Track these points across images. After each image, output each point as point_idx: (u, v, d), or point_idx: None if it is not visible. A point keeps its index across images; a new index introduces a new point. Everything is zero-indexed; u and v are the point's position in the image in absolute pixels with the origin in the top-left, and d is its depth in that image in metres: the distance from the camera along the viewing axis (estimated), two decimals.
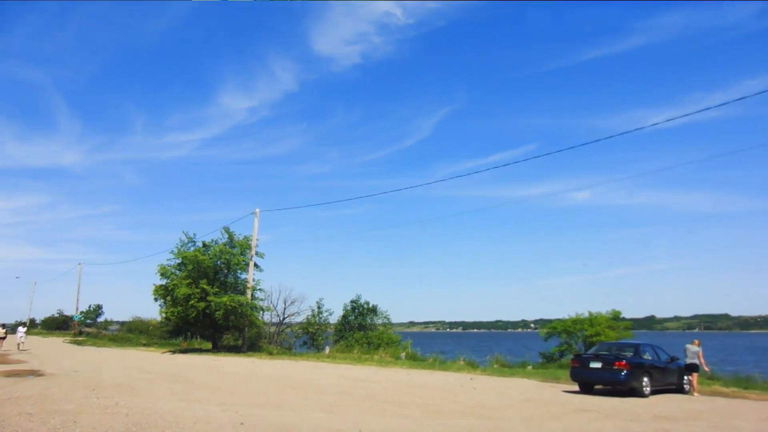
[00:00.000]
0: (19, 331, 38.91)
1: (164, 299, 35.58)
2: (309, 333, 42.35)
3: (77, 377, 18.36)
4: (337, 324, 45.12)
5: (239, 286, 37.13)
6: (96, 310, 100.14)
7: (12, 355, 30.89)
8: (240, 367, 24.54)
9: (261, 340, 43.01)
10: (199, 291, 33.98)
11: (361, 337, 42.22)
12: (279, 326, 45.64)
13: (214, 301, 33.48)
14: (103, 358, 29.38)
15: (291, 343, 45.59)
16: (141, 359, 29.65)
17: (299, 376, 20.77)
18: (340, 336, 44.82)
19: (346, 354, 34.72)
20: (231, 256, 35.58)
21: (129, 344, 49.04)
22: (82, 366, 23.49)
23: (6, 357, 29.50)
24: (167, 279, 35.62)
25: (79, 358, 29.12)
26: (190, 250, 35.99)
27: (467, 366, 28.57)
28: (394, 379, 20.91)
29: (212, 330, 38.16)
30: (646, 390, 16.44)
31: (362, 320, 44.98)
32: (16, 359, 27.93)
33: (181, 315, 34.71)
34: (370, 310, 45.14)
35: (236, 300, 33.94)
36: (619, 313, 38.27)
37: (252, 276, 37.01)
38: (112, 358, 30.41)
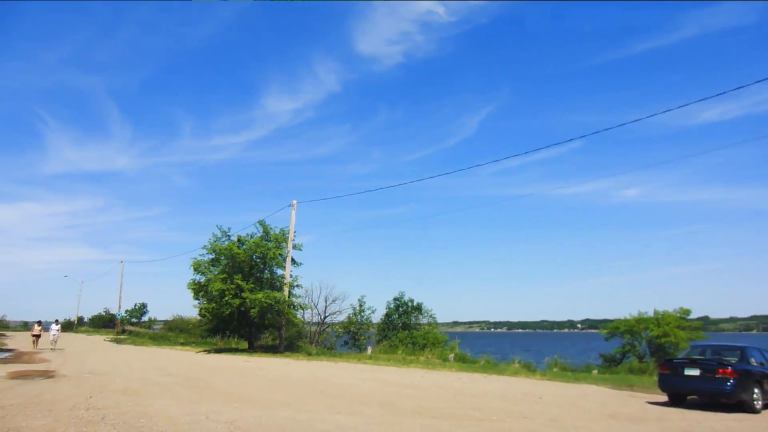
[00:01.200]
0: (52, 329, 36.22)
1: (198, 296, 33.81)
2: (350, 332, 40.07)
3: (87, 380, 16.45)
4: (379, 323, 42.74)
5: (276, 283, 35.07)
6: (141, 309, 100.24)
7: (40, 354, 29.53)
8: (272, 370, 22.35)
9: (300, 340, 40.99)
10: (234, 287, 32.04)
11: (406, 336, 39.73)
12: (320, 325, 43.57)
13: (249, 297, 31.49)
14: (131, 359, 27.69)
15: (332, 343, 43.52)
16: (170, 359, 27.85)
17: (336, 381, 18.40)
18: (383, 336, 42.43)
19: (390, 355, 32.27)
20: (266, 250, 33.52)
21: (167, 343, 47.77)
22: (103, 367, 21.69)
23: (33, 356, 28.11)
24: (201, 275, 33.85)
25: (106, 358, 27.50)
26: (224, 244, 34.12)
27: (524, 369, 25.75)
28: (444, 385, 18.33)
29: (248, 329, 36.21)
30: (757, 404, 13.34)
31: (406, 319, 42.48)
32: (41, 358, 26.47)
33: (216, 312, 32.85)
34: (414, 309, 42.60)
35: (272, 297, 31.86)
36: (689, 312, 34.65)
37: (289, 271, 34.90)
38: (140, 358, 28.71)
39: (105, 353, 32.23)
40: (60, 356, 27.90)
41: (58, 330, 36.57)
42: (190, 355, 32.82)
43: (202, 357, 30.69)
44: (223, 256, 33.53)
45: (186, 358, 29.83)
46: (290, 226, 35.56)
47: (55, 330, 36.27)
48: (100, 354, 31.31)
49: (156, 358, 29.14)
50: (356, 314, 40.47)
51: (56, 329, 36.36)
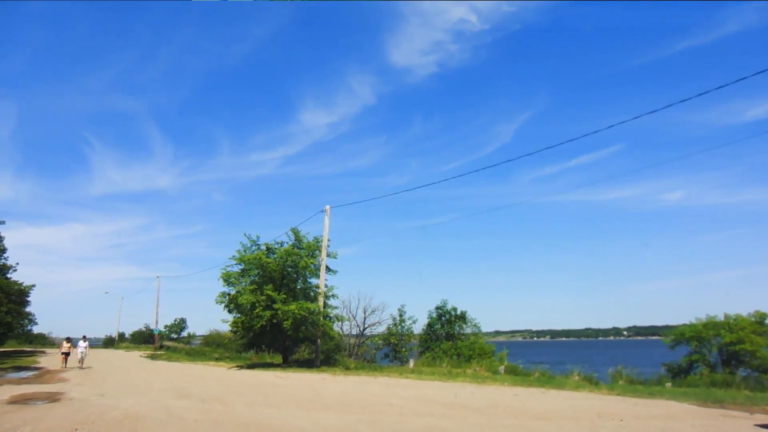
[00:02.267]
0: (79, 346, 34.44)
1: (229, 308, 31.97)
2: (391, 344, 37.66)
3: (90, 404, 14.58)
4: (421, 334, 40.27)
5: (310, 293, 33.02)
6: (180, 324, 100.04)
7: (64, 374, 28.00)
8: (304, 387, 20.16)
9: (339, 353, 38.81)
10: (265, 298, 30.10)
11: (450, 347, 37.21)
12: (359, 338, 41.35)
13: (281, 309, 29.49)
14: (155, 377, 25.86)
15: (372, 356, 41.25)
16: (196, 377, 25.94)
17: (375, 401, 16.09)
18: (426, 347, 39.92)
19: (434, 368, 29.77)
20: (298, 259, 31.49)
21: (202, 358, 46.18)
22: (119, 388, 19.88)
23: (55, 376, 26.57)
24: (231, 286, 32.03)
25: (128, 378, 25.72)
26: (253, 253, 32.25)
27: (585, 382, 22.98)
28: (501, 403, 15.84)
29: (282, 342, 34.17)
30: None
31: (450, 329, 39.92)
32: (61, 378, 24.89)
33: (247, 325, 30.95)
34: (458, 318, 40.01)
35: (306, 308, 29.77)
36: (766, 316, 31.27)
37: (323, 280, 32.80)
38: (165, 376, 26.87)
39: (131, 371, 30.58)
40: (82, 376, 26.30)
41: (86, 347, 34.91)
42: (220, 371, 30.95)
43: (233, 373, 28.75)
44: (252, 266, 31.65)
45: (215, 374, 27.94)
46: (324, 233, 33.53)
47: (83, 347, 34.58)
48: (126, 372, 29.66)
49: (182, 375, 27.32)
50: (396, 325, 38.14)
51: (84, 346, 34.70)
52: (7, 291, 52.97)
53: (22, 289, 57.69)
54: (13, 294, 54.77)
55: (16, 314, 55.77)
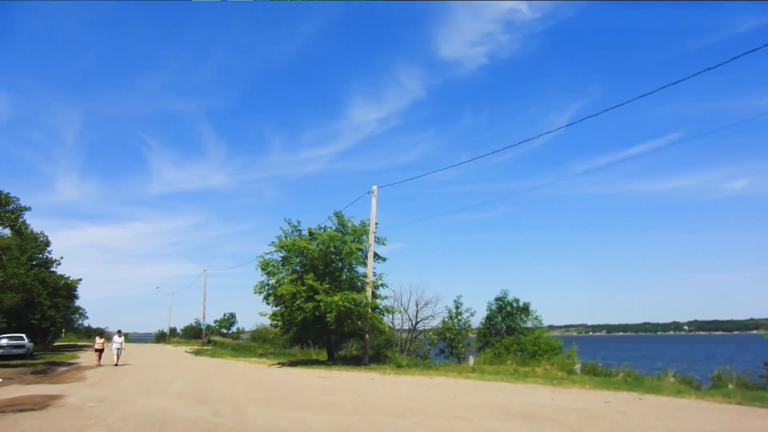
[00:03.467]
0: (114, 342, 31.79)
1: (267, 300, 29.16)
2: (446, 339, 34.18)
3: (80, 413, 11.85)
4: (480, 327, 36.67)
5: (357, 282, 29.89)
6: (229, 319, 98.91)
7: (87, 372, 25.69)
8: (348, 391, 16.98)
9: (390, 349, 35.63)
10: (306, 288, 27.13)
11: (512, 343, 33.50)
12: (411, 332, 38.07)
13: (324, 300, 26.46)
14: (183, 376, 23.22)
15: (425, 352, 37.96)
16: (227, 376, 23.09)
17: (434, 411, 12.75)
18: (485, 342, 36.28)
19: (497, 366, 26.20)
20: (343, 244, 28.35)
21: (246, 354, 43.82)
22: (130, 391, 17.14)
23: (76, 374, 24.28)
24: (270, 275, 29.18)
25: (152, 377, 22.97)
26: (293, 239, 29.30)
27: (684, 385, 19.07)
28: (596, 414, 12.29)
29: (327, 337, 31.15)
30: None
31: (511, 322, 36.18)
32: (80, 377, 22.49)
33: (287, 318, 28.09)
34: (520, 310, 36.23)
35: (351, 299, 26.65)
36: None
37: (371, 268, 29.61)
38: (194, 374, 24.21)
39: (162, 369, 28.04)
40: (104, 375, 23.83)
41: (121, 342, 32.02)
42: (260, 368, 28.19)
43: (271, 372, 25.89)
44: (292, 254, 28.73)
45: (251, 373, 25.12)
46: (371, 216, 30.32)
47: (117, 342, 31.74)
48: (155, 370, 27.10)
49: (214, 373, 24.59)
50: (452, 318, 34.62)
51: (119, 341, 31.86)
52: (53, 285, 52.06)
53: (69, 283, 56.87)
54: (60, 288, 53.94)
55: (64, 308, 54.89)
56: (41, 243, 48.77)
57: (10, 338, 36.58)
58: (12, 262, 38.50)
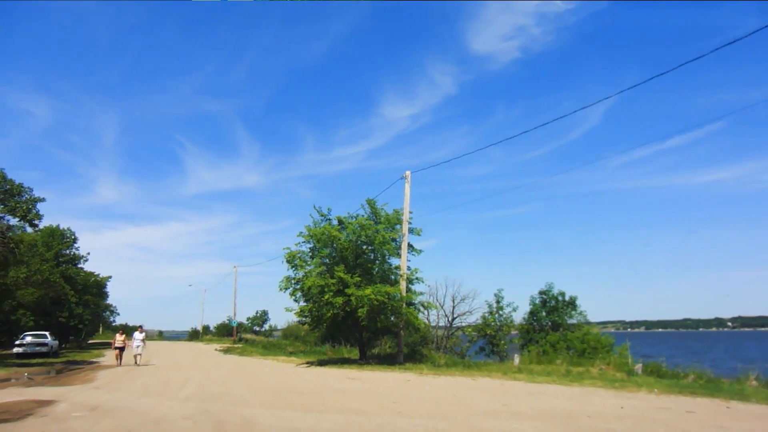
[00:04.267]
0: (135, 340, 29.22)
1: (294, 295, 27.24)
2: (486, 336, 31.78)
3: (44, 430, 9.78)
4: (522, 323, 34.20)
5: (390, 276, 27.74)
6: (262, 317, 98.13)
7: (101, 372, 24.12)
8: (380, 395, 14.83)
9: (425, 347, 33.42)
10: (335, 282, 25.09)
11: (558, 340, 31.03)
12: (447, 329, 35.81)
13: (355, 294, 24.38)
14: (200, 376, 21.40)
15: (463, 350, 35.68)
16: (249, 377, 21.14)
17: (484, 425, 10.51)
18: (528, 339, 33.80)
19: (545, 366, 23.75)
20: (375, 233, 26.21)
21: (276, 352, 42.16)
22: (135, 395, 15.26)
23: (89, 374, 22.63)
24: (297, 268, 27.21)
25: (168, 378, 21.10)
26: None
27: None
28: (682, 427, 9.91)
29: (359, 334, 29.06)
30: None
31: (557, 317, 33.63)
32: (91, 377, 20.83)
33: (315, 315, 26.12)
34: (566, 304, 33.66)
35: (384, 292, 24.50)
36: None
37: (406, 260, 27.43)
38: (214, 375, 22.40)
39: (182, 369, 26.24)
40: (118, 375, 22.12)
41: (142, 340, 29.57)
42: (286, 368, 26.29)
43: (298, 372, 23.94)
44: (321, 245, 26.74)
45: (277, 373, 23.22)
46: (404, 204, 28.15)
47: (138, 340, 29.24)
48: (174, 370, 25.27)
49: (237, 374, 22.74)
50: (493, 313, 32.20)
51: (140, 339, 29.39)
52: (82, 282, 51.29)
53: (99, 280, 56.15)
54: (90, 286, 53.21)
55: (94, 306, 54.15)
56: (68, 239, 47.91)
57: (34, 336, 35.55)
58: (35, 258, 37.44)
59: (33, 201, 25.74)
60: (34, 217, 25.52)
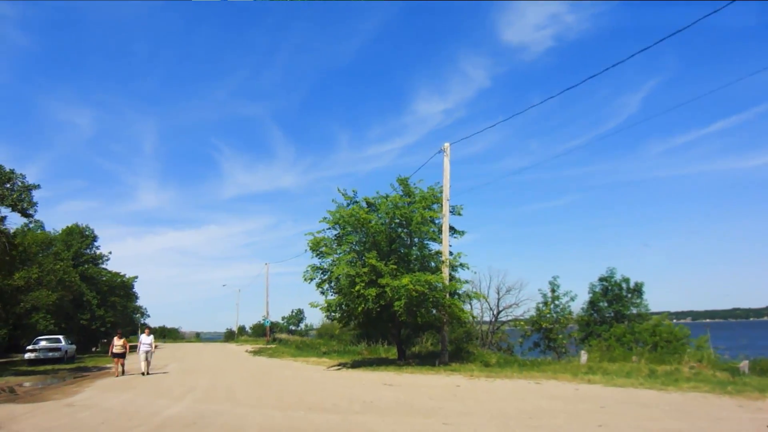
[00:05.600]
0: (142, 343, 24.00)
1: (320, 287, 23.92)
2: (542, 330, 27.90)
3: None
4: (581, 315, 30.30)
5: (429, 262, 24.21)
6: (297, 316, 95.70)
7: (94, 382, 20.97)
8: (426, 412, 11.33)
9: (470, 343, 29.80)
10: (367, 270, 21.67)
11: (624, 332, 27.03)
12: (492, 324, 32.07)
13: (391, 284, 20.91)
14: (205, 387, 18.14)
15: (510, 347, 31.93)
16: (264, 387, 17.75)
17: None
18: (588, 332, 29.92)
19: (620, 364, 19.84)
20: (411, 213, 22.67)
21: (309, 353, 39.06)
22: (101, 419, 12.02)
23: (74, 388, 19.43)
24: (323, 256, 23.84)
25: (166, 389, 17.92)
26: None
27: None
28: None
29: (396, 331, 25.55)
30: None
31: (621, 306, 29.70)
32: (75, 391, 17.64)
33: (346, 308, 22.78)
34: (631, 292, 29.71)
35: (424, 281, 20.95)
36: None
37: (447, 243, 23.83)
38: (223, 384, 19.09)
39: (195, 375, 22.90)
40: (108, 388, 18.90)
41: (150, 344, 23.98)
42: (315, 372, 23.00)
43: (327, 377, 20.59)
44: (350, 229, 23.35)
45: (301, 379, 19.90)
46: (444, 180, 24.54)
47: (146, 344, 23.81)
48: (184, 377, 21.97)
49: (254, 380, 19.44)
50: (548, 303, 28.32)
51: (148, 343, 23.90)
52: (107, 284, 49.23)
53: (125, 281, 54.08)
54: (116, 287, 51.17)
55: (121, 307, 52.06)
56: (87, 237, 45.71)
57: (49, 341, 33.11)
58: (48, 257, 35.06)
59: (26, 188, 23.04)
60: (27, 205, 22.78)
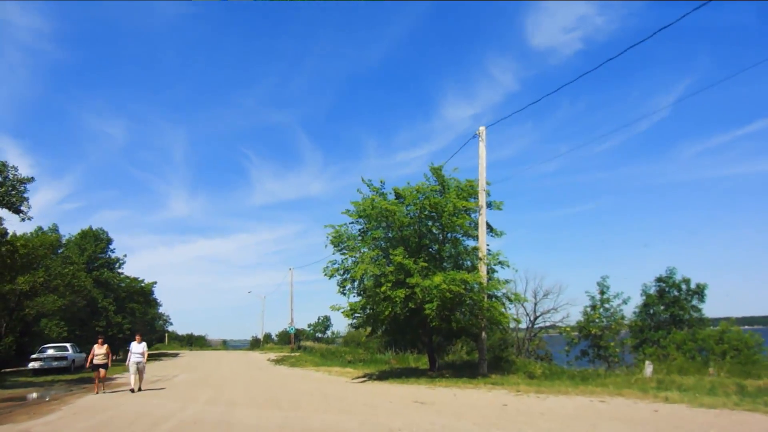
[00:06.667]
0: (132, 353, 19.32)
1: (342, 288, 21.26)
2: (590, 336, 24.80)
3: None
4: (634, 320, 27.15)
5: (464, 260, 21.41)
6: (324, 323, 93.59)
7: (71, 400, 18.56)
8: None
9: (505, 351, 26.96)
10: (394, 269, 18.99)
11: (685, 339, 23.92)
12: (529, 330, 29.22)
13: (421, 285, 18.19)
14: (190, 409, 15.63)
15: (549, 354, 29.10)
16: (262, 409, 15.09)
17: None
18: (642, 339, 26.78)
19: (696, 377, 16.79)
20: (444, 203, 19.89)
21: (333, 361, 36.55)
22: None
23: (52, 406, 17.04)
24: (345, 253, 21.17)
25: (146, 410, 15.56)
26: None
27: None
28: None
29: (427, 338, 22.75)
30: None
31: (680, 310, 26.55)
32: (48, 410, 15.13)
33: (371, 312, 20.13)
34: (693, 294, 26.54)
35: (460, 281, 18.17)
36: None
37: (485, 238, 21.02)
38: (219, 401, 16.60)
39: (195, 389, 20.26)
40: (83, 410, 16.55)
41: (143, 353, 19.48)
42: (335, 385, 20.33)
43: (348, 392, 17.89)
44: (374, 223, 20.70)
45: (317, 395, 17.21)
46: (480, 169, 21.78)
47: (137, 354, 19.26)
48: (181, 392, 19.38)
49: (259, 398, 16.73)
50: (596, 307, 25.26)
51: (139, 352, 19.35)
52: (126, 289, 47.47)
53: (144, 287, 52.30)
54: (135, 293, 49.43)
55: (140, 314, 50.25)
56: (102, 241, 43.93)
57: (55, 349, 31.17)
58: (56, 261, 33.16)
59: (19, 182, 20.92)
60: (16, 200, 20.62)
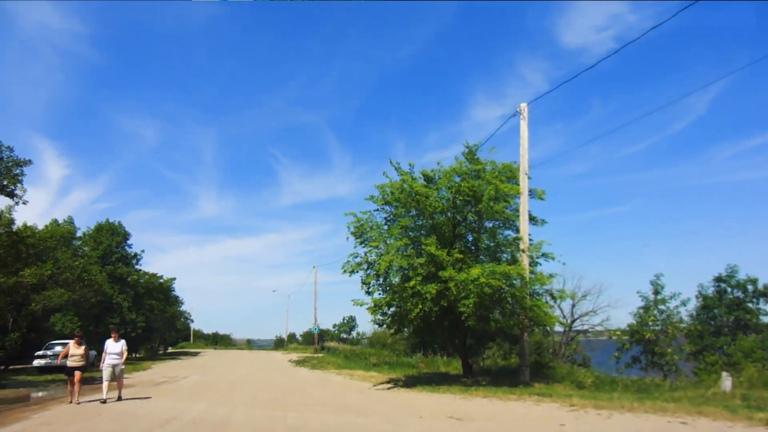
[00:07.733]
0: (108, 354, 15.27)
1: (365, 283, 18.89)
2: (644, 341, 22.03)
3: None
4: (691, 323, 24.26)
5: (503, 252, 18.91)
6: (349, 323, 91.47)
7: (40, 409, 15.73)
8: None
9: (542, 356, 24.44)
10: (424, 261, 16.60)
11: (754, 346, 21.00)
12: (566, 333, 26.57)
13: (455, 278, 15.78)
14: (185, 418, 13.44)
15: (587, 360, 26.52)
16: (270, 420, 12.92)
17: None
18: (702, 345, 23.88)
19: None
20: (483, 185, 17.41)
21: (357, 364, 34.24)
22: None
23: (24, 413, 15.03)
24: (367, 242, 18.82)
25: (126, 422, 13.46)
26: None
27: None
28: None
29: (461, 339, 20.26)
30: None
31: (746, 314, 23.63)
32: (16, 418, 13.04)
33: (399, 310, 17.77)
34: (760, 294, 23.61)
35: (501, 274, 15.70)
36: None
37: (527, 227, 18.50)
38: (217, 414, 14.40)
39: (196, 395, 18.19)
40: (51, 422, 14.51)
41: (120, 353, 15.49)
42: (355, 393, 17.98)
43: (370, 402, 15.52)
44: (402, 209, 18.33)
45: (333, 406, 14.85)
46: (521, 150, 19.26)
47: (114, 355, 15.36)
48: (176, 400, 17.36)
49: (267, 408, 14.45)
50: (650, 309, 22.52)
51: (116, 352, 15.41)
52: (144, 285, 45.90)
53: (163, 283, 50.75)
54: (154, 289, 47.90)
55: (159, 311, 48.68)
56: (118, 235, 42.36)
57: (63, 345, 29.49)
58: (67, 253, 31.46)
59: (15, 163, 19.08)
60: (8, 182, 18.72)
